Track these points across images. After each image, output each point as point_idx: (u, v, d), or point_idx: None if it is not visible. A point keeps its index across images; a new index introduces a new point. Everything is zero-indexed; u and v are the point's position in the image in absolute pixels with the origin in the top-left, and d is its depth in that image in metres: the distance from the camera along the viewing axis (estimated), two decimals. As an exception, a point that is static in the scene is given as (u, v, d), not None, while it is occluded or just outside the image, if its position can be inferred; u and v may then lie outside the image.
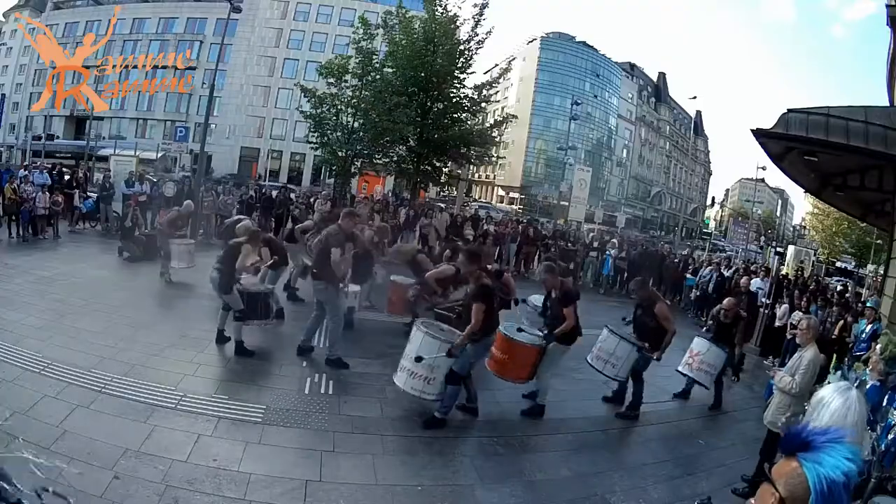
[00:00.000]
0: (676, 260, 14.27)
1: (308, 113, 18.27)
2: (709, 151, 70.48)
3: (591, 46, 53.96)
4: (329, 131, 18.23)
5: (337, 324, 5.36)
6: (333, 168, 20.58)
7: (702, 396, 6.20)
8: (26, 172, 11.60)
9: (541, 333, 5.03)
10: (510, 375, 4.87)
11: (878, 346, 4.80)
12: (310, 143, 20.74)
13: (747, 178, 61.88)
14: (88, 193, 13.28)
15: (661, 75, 62.52)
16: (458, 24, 18.74)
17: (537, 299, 6.86)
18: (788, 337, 8.48)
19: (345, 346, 5.48)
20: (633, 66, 57.98)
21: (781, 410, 3.99)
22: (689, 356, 5.93)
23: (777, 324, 9.33)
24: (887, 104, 11.06)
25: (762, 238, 46.22)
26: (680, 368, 5.94)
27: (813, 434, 1.00)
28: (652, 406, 5.61)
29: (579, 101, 31.53)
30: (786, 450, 1.04)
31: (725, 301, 6.31)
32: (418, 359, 4.27)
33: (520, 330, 5.05)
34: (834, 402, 2.37)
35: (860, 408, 2.42)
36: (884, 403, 3.89)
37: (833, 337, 8.30)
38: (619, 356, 5.29)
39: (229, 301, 5.49)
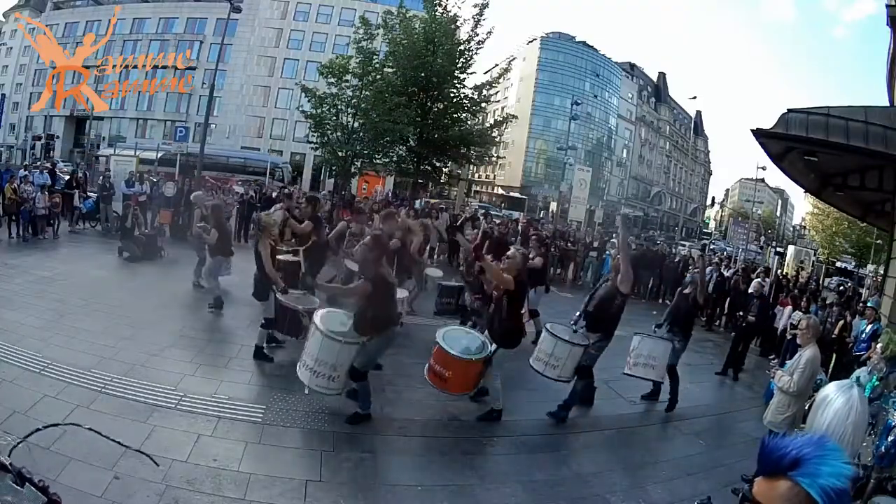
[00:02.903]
0: (677, 260, 14.27)
1: (309, 113, 18.28)
2: (709, 151, 70.48)
3: (591, 46, 53.96)
4: (329, 131, 18.25)
5: None
6: (333, 168, 20.59)
7: (700, 396, 6.21)
8: (26, 172, 11.60)
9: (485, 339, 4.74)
10: (455, 391, 4.59)
11: (879, 346, 4.80)
12: (310, 143, 20.75)
13: (747, 178, 61.89)
14: (88, 193, 13.28)
15: (661, 75, 62.54)
16: (458, 24, 18.77)
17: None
18: (788, 337, 8.48)
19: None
20: (633, 66, 57.97)
21: (781, 410, 4.00)
22: (628, 355, 5.64)
23: (780, 324, 9.32)
24: (887, 104, 11.07)
25: (762, 238, 46.25)
26: (624, 370, 5.62)
27: (803, 450, 0.95)
28: (652, 406, 5.61)
29: (579, 101, 31.51)
30: (772, 471, 0.98)
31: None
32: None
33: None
34: (836, 401, 2.36)
35: (861, 407, 2.41)
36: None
37: (833, 337, 8.31)
38: (559, 356, 4.98)
39: (264, 308, 5.38)
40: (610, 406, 5.45)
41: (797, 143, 7.28)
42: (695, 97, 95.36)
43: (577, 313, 5.36)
